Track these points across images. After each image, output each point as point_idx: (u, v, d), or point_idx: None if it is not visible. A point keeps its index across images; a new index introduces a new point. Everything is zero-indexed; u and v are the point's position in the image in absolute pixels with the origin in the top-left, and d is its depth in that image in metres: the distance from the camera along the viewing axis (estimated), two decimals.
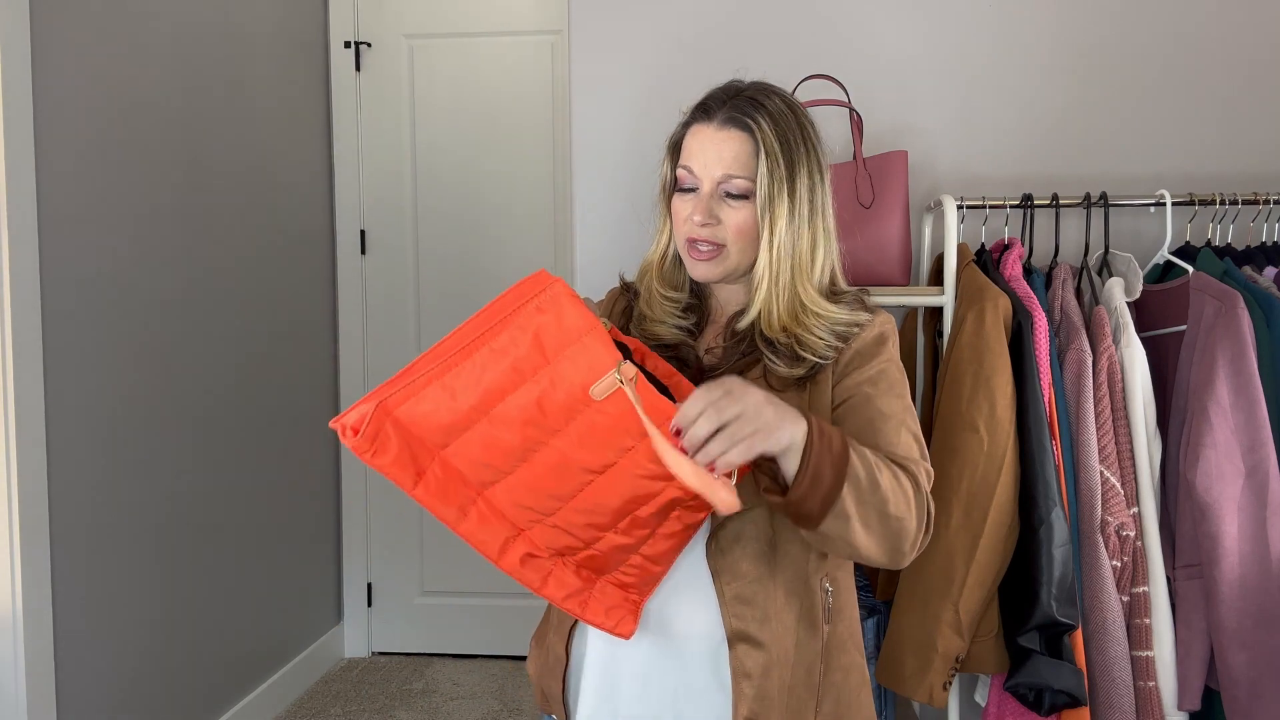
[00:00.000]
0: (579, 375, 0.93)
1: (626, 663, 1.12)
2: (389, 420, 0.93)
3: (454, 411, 0.93)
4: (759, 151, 1.08)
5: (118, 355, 2.15)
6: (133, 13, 2.20)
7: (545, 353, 0.93)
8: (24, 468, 1.86)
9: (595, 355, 0.94)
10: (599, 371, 0.93)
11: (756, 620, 1.07)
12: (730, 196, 1.10)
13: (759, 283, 1.10)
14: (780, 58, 2.03)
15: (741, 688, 1.06)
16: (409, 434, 0.95)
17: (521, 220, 3.20)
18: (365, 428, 0.92)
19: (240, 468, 2.65)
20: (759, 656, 1.06)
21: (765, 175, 1.07)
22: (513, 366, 0.93)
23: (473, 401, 0.93)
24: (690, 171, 1.12)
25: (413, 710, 2.85)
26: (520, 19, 3.14)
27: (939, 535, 1.61)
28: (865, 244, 1.75)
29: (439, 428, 0.94)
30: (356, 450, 0.93)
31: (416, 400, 0.93)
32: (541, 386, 0.93)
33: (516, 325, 0.93)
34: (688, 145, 1.13)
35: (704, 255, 1.11)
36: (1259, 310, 1.62)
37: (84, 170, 2.05)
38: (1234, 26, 1.98)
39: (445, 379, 0.93)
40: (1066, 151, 2.01)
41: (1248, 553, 1.55)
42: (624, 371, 0.93)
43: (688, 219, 1.11)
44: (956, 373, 1.66)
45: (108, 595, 2.11)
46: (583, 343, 0.94)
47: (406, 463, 0.94)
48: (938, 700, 1.61)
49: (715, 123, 1.11)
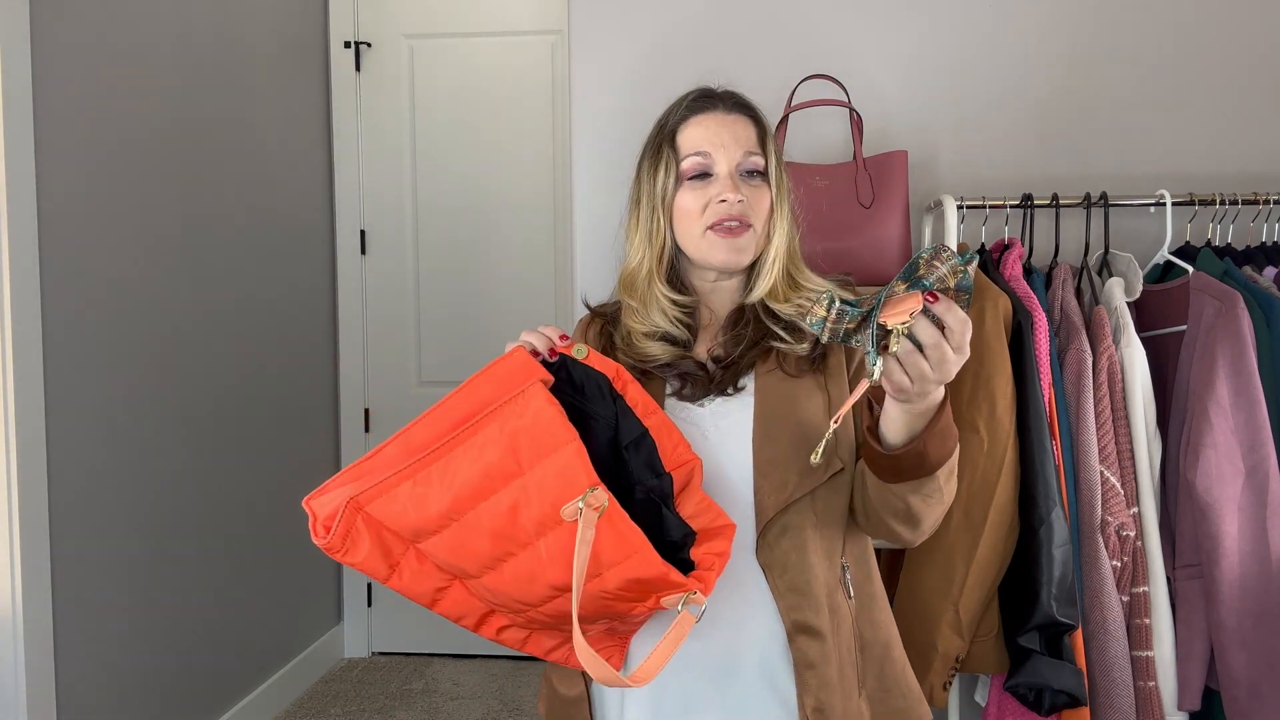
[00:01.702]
0: (552, 491, 0.89)
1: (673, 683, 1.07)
2: (359, 516, 0.92)
3: (424, 515, 0.91)
4: (765, 135, 1.15)
5: (117, 355, 2.15)
6: (132, 12, 2.20)
7: (520, 461, 0.90)
8: (24, 468, 1.86)
9: (571, 471, 0.89)
10: (573, 489, 0.88)
11: (812, 609, 1.06)
12: (750, 174, 1.13)
13: (772, 261, 1.13)
14: (781, 58, 2.03)
15: (805, 678, 1.05)
16: (381, 528, 0.93)
17: (521, 220, 3.20)
18: (337, 526, 0.90)
19: (240, 467, 2.65)
20: (819, 646, 1.05)
21: (774, 155, 1.14)
22: (485, 473, 0.90)
23: (444, 506, 0.91)
24: (705, 155, 1.12)
25: (413, 710, 2.85)
26: (520, 19, 3.14)
27: (939, 535, 1.61)
28: (865, 244, 1.75)
29: (409, 527, 0.93)
30: (328, 550, 0.91)
31: (388, 499, 0.91)
32: (514, 496, 0.90)
33: (493, 427, 0.90)
34: (693, 135, 1.13)
35: (736, 233, 1.11)
36: (1259, 310, 1.62)
37: (84, 170, 2.05)
38: (1234, 26, 1.98)
39: (417, 478, 0.91)
40: (1066, 151, 2.01)
41: (1248, 553, 1.55)
42: (591, 500, 0.88)
43: (710, 202, 1.11)
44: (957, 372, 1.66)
45: (108, 595, 2.11)
46: (559, 455, 0.90)
47: (379, 558, 0.94)
48: (938, 700, 1.61)
49: (722, 109, 1.15)
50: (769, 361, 1.12)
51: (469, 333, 3.23)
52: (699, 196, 1.12)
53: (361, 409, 3.27)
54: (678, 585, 0.91)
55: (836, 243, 1.68)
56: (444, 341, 3.25)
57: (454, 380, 3.25)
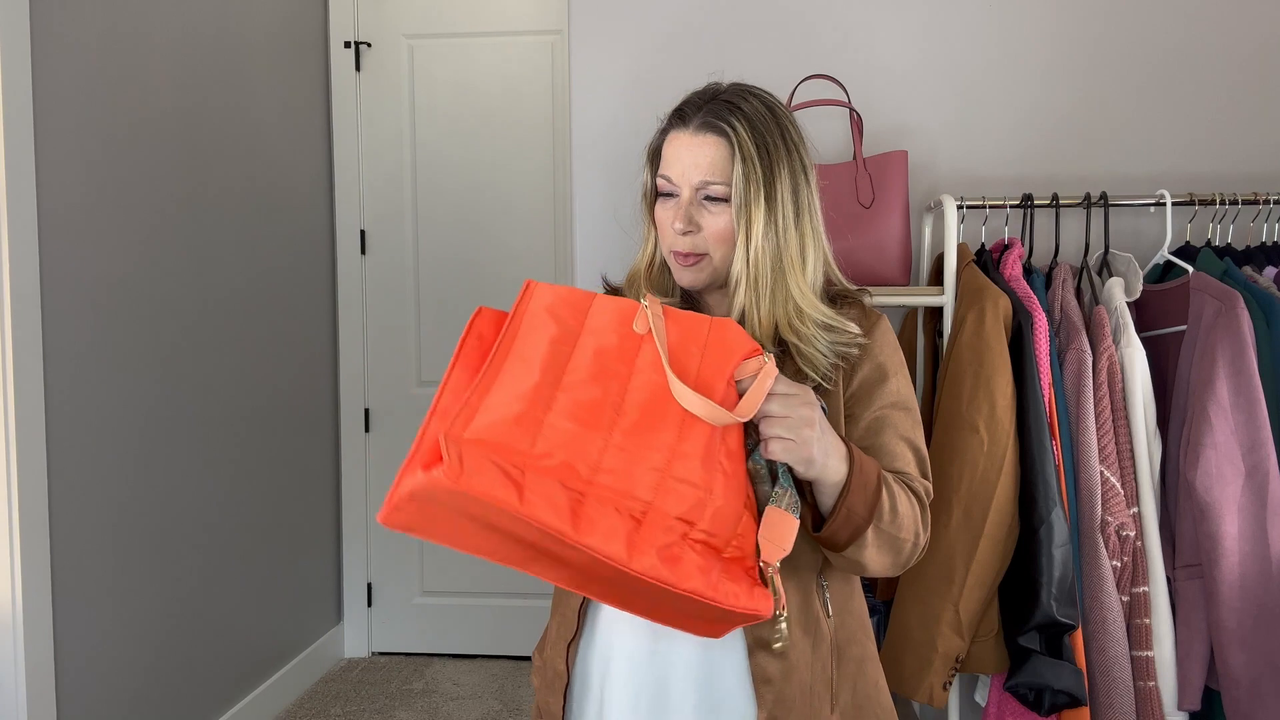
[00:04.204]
0: (613, 323, 0.94)
1: (650, 678, 1.09)
2: (463, 445, 0.82)
3: (523, 400, 0.86)
4: (734, 155, 1.06)
5: (118, 355, 2.15)
6: (133, 12, 2.20)
7: (571, 323, 0.93)
8: (24, 468, 1.86)
9: (617, 305, 0.96)
10: (630, 311, 0.95)
11: (769, 627, 1.05)
12: (709, 200, 1.09)
13: (735, 286, 1.09)
14: (781, 57, 2.03)
15: (762, 693, 1.06)
16: (489, 449, 0.84)
17: (521, 220, 3.20)
18: (446, 453, 0.80)
19: (240, 467, 2.65)
20: (778, 663, 1.06)
21: (740, 179, 1.06)
22: (552, 343, 0.91)
23: (534, 381, 0.88)
24: (669, 179, 1.11)
25: (413, 710, 2.85)
26: (520, 19, 3.14)
27: (939, 535, 1.61)
28: (865, 244, 1.75)
29: (516, 421, 0.85)
30: (448, 476, 0.79)
31: (482, 412, 0.85)
32: (591, 342, 0.93)
33: (529, 320, 0.93)
34: (665, 153, 1.12)
35: (688, 263, 1.11)
36: (1259, 310, 1.62)
37: (84, 171, 2.05)
38: (1234, 26, 1.98)
39: (496, 384, 0.87)
40: (1066, 151, 2.01)
41: (1248, 553, 1.55)
42: (650, 305, 0.95)
43: (669, 226, 1.11)
44: (956, 373, 1.66)
45: (108, 595, 2.11)
46: (597, 305, 0.95)
47: (501, 478, 0.82)
48: (938, 700, 1.61)
49: (690, 129, 1.09)
50: None
51: None
52: (666, 215, 1.12)
53: (361, 409, 3.27)
54: (753, 345, 0.97)
55: (836, 243, 1.65)
56: (444, 341, 3.25)
57: None
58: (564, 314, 0.94)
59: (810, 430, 0.93)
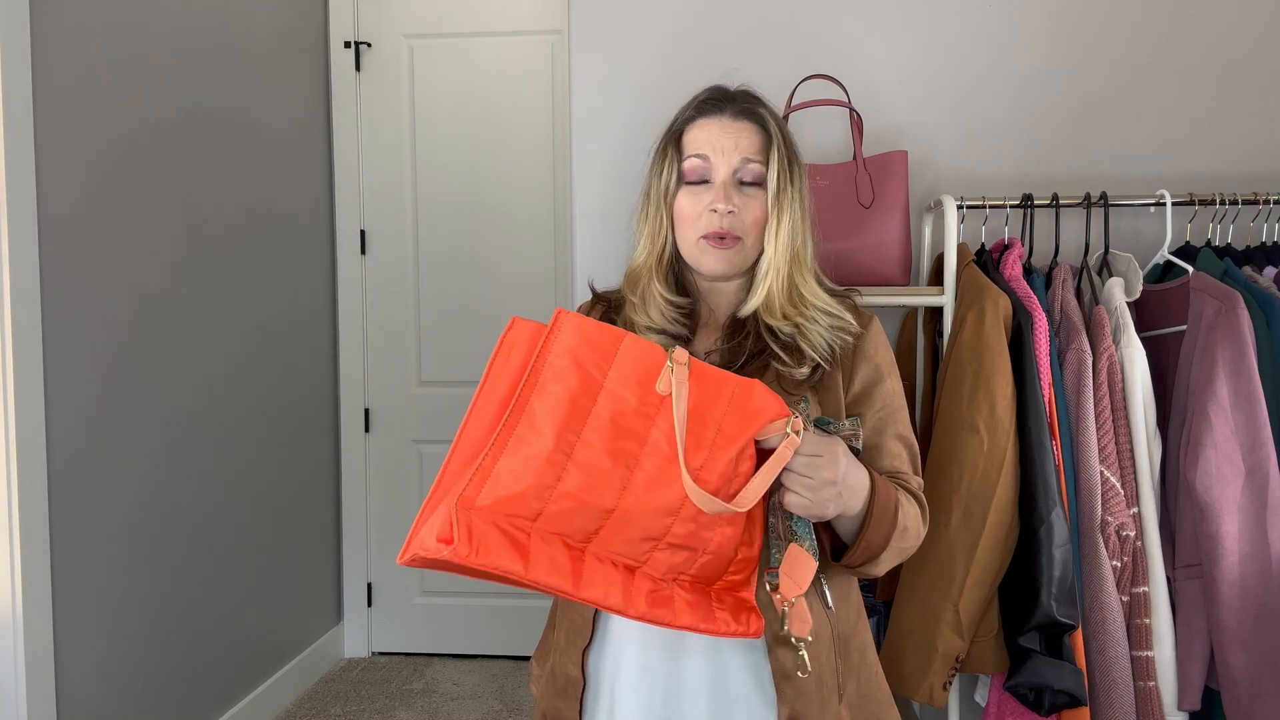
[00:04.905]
0: (636, 375, 0.91)
1: (661, 680, 1.10)
2: (472, 514, 0.86)
3: (536, 467, 0.87)
4: (771, 142, 1.12)
5: (117, 355, 2.15)
6: (133, 12, 2.20)
7: (593, 372, 0.90)
8: (24, 468, 1.86)
9: (643, 352, 0.92)
10: (655, 365, 0.92)
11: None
12: (745, 185, 1.12)
13: (766, 272, 1.12)
14: (781, 57, 2.03)
15: (782, 689, 1.07)
16: (498, 515, 0.87)
17: (521, 220, 3.20)
18: (457, 532, 0.83)
19: (240, 468, 2.65)
20: (797, 657, 1.06)
21: (777, 164, 1.11)
22: (570, 399, 0.89)
23: (549, 446, 0.88)
24: (705, 159, 1.12)
25: (413, 710, 2.85)
26: (520, 19, 3.14)
27: (939, 535, 1.61)
28: (865, 244, 1.75)
29: (528, 491, 0.87)
30: (458, 557, 0.83)
31: (493, 481, 0.87)
32: (608, 405, 0.90)
33: (550, 366, 0.90)
34: (696, 137, 1.14)
35: (725, 245, 1.12)
36: (1259, 310, 1.62)
37: (84, 170, 2.05)
38: (1234, 26, 1.98)
39: (509, 446, 0.88)
40: (1066, 151, 2.01)
41: (1248, 553, 1.55)
42: (676, 357, 0.92)
43: (704, 211, 1.12)
44: (956, 373, 1.66)
45: (108, 595, 2.11)
46: (623, 350, 0.92)
47: (508, 549, 0.85)
48: (938, 700, 1.61)
49: (728, 114, 1.13)
50: (768, 376, 1.12)
51: (469, 333, 3.23)
52: (696, 201, 1.12)
53: (361, 409, 3.27)
54: (779, 409, 0.94)
55: (836, 243, 1.68)
56: (444, 342, 3.25)
57: (454, 380, 3.26)
58: (587, 360, 0.91)
59: (831, 490, 0.96)
